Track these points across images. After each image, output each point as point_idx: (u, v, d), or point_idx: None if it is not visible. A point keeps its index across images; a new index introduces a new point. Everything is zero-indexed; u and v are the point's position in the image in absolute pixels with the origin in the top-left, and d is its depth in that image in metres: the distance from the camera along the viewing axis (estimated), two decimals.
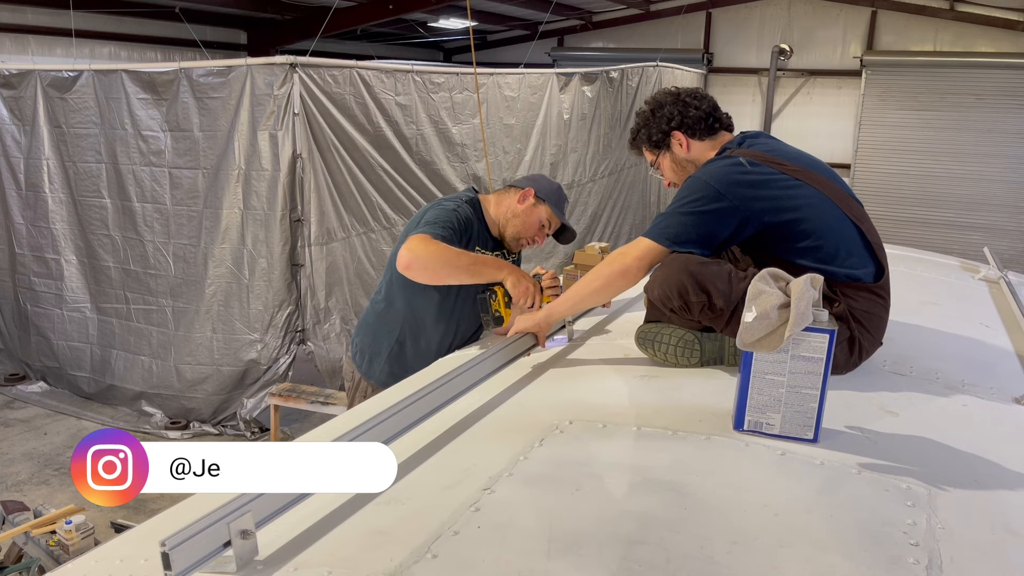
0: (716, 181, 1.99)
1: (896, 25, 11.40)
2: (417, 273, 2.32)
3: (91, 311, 6.17)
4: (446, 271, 2.31)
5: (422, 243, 2.28)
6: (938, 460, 1.59)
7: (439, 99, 6.52)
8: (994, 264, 3.43)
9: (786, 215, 1.96)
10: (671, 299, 2.00)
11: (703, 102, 2.21)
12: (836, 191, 2.04)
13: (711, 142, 2.20)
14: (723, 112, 2.24)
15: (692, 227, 1.99)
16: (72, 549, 3.51)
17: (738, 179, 1.98)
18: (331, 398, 4.99)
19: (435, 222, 2.38)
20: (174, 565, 1.05)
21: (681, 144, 2.22)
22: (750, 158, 2.02)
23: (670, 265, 2.01)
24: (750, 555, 1.22)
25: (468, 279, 2.35)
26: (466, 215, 2.50)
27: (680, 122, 2.20)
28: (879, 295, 2.01)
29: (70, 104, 5.88)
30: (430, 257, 2.27)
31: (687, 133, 2.20)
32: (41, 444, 5.53)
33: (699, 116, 2.19)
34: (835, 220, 1.99)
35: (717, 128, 2.20)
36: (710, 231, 1.99)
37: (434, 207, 2.51)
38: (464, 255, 2.33)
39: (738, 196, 1.96)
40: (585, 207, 9.29)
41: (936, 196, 11.19)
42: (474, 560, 1.20)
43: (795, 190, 1.98)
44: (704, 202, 1.98)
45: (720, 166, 2.03)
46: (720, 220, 1.98)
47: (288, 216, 5.32)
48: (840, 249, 1.97)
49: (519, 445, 1.59)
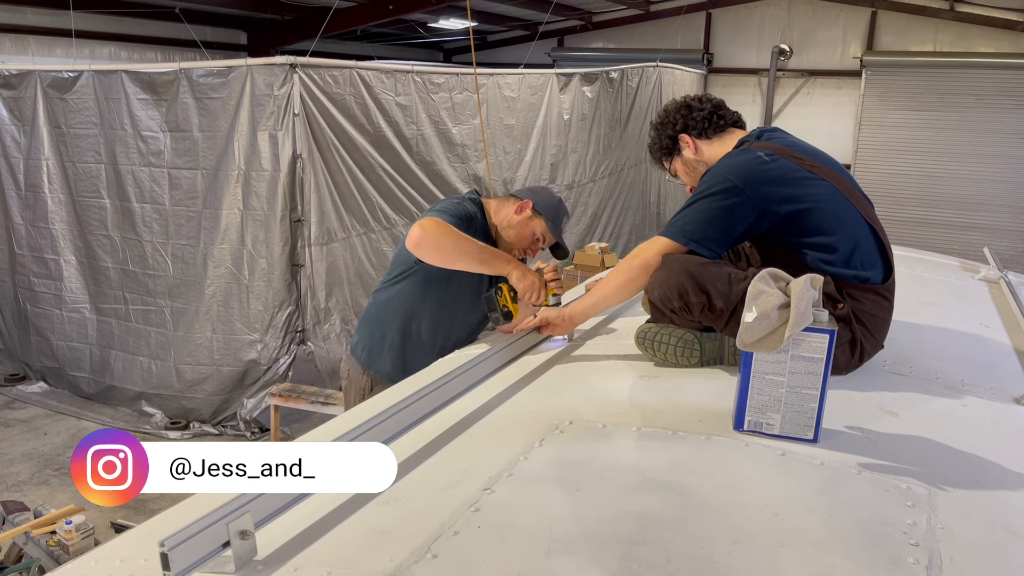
0: (734, 175, 1.96)
1: (896, 25, 11.40)
2: (427, 252, 2.35)
3: (90, 311, 6.17)
4: (455, 254, 2.34)
5: (434, 223, 2.32)
6: (938, 460, 1.59)
7: (439, 99, 6.52)
8: (994, 264, 3.42)
9: (803, 211, 1.94)
10: (671, 300, 2.00)
11: (706, 103, 2.22)
12: (851, 189, 2.03)
13: (720, 140, 2.19)
14: (730, 110, 2.23)
15: (710, 223, 1.98)
16: (72, 549, 3.51)
17: (757, 172, 1.96)
18: (331, 398, 4.99)
19: (444, 211, 2.43)
20: (173, 565, 1.05)
21: (689, 146, 2.22)
22: (769, 151, 2.00)
23: (670, 266, 2.01)
24: (750, 555, 1.22)
25: (475, 266, 2.38)
26: (472, 211, 2.54)
27: (685, 125, 2.21)
28: (884, 297, 2.01)
29: (70, 104, 5.89)
30: (442, 236, 2.31)
31: (693, 134, 2.21)
32: (41, 444, 5.53)
33: (702, 116, 2.19)
34: (849, 218, 1.98)
35: (724, 125, 2.20)
36: (728, 227, 1.97)
37: (441, 202, 2.57)
38: (474, 242, 2.36)
39: (756, 190, 1.94)
40: (585, 207, 9.28)
41: (936, 196, 11.20)
42: (474, 560, 1.19)
43: (813, 186, 1.96)
44: (722, 197, 1.96)
45: (739, 160, 2.01)
46: (738, 215, 1.96)
47: (288, 216, 5.32)
48: (853, 248, 1.96)
49: (519, 445, 1.59)
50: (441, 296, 2.60)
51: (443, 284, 2.57)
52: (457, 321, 2.67)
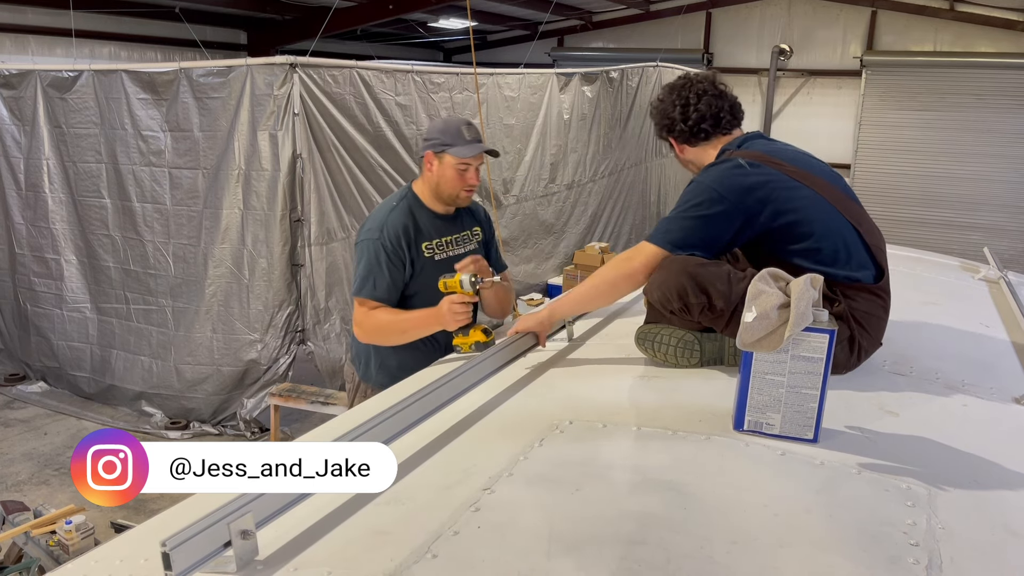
0: (717, 184, 2.00)
1: (896, 25, 11.40)
2: (372, 341, 2.60)
3: (91, 311, 6.17)
4: (392, 340, 2.56)
5: (364, 317, 2.52)
6: (938, 460, 1.59)
7: (439, 99, 6.52)
8: (994, 264, 3.42)
9: (786, 217, 1.97)
10: (671, 301, 2.00)
11: (693, 109, 2.17)
12: (834, 192, 2.04)
13: (704, 146, 2.21)
14: (723, 114, 2.19)
15: (694, 231, 2.01)
16: (72, 549, 3.51)
17: (739, 182, 1.98)
18: (331, 398, 4.99)
19: (367, 276, 2.51)
20: (174, 565, 1.05)
21: (675, 147, 2.27)
22: (750, 159, 2.02)
23: (669, 267, 2.01)
24: (750, 555, 1.22)
25: (414, 338, 2.52)
26: (396, 226, 2.52)
27: (670, 129, 2.23)
28: (879, 295, 2.01)
29: (70, 104, 5.89)
30: (375, 331, 2.55)
31: (679, 141, 2.24)
32: (41, 444, 5.53)
33: (687, 127, 2.18)
34: (833, 222, 2.00)
35: (708, 135, 2.19)
36: (712, 235, 2.00)
37: (362, 243, 2.55)
38: (399, 323, 2.50)
39: (739, 199, 1.97)
40: (585, 207, 9.28)
41: (936, 196, 11.20)
42: (474, 560, 1.20)
43: (795, 191, 1.99)
44: (706, 206, 1.99)
45: (721, 169, 2.04)
46: (722, 223, 1.99)
47: (288, 216, 5.32)
48: (839, 251, 1.98)
49: (519, 445, 1.59)
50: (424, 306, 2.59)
51: (423, 296, 2.56)
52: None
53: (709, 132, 2.19)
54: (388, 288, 2.50)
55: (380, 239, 2.50)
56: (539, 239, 8.57)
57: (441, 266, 2.55)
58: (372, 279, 2.49)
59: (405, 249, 2.51)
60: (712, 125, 2.18)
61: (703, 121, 2.17)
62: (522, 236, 8.27)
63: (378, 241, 2.50)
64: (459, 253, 2.63)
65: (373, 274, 2.49)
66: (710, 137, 2.20)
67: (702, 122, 2.17)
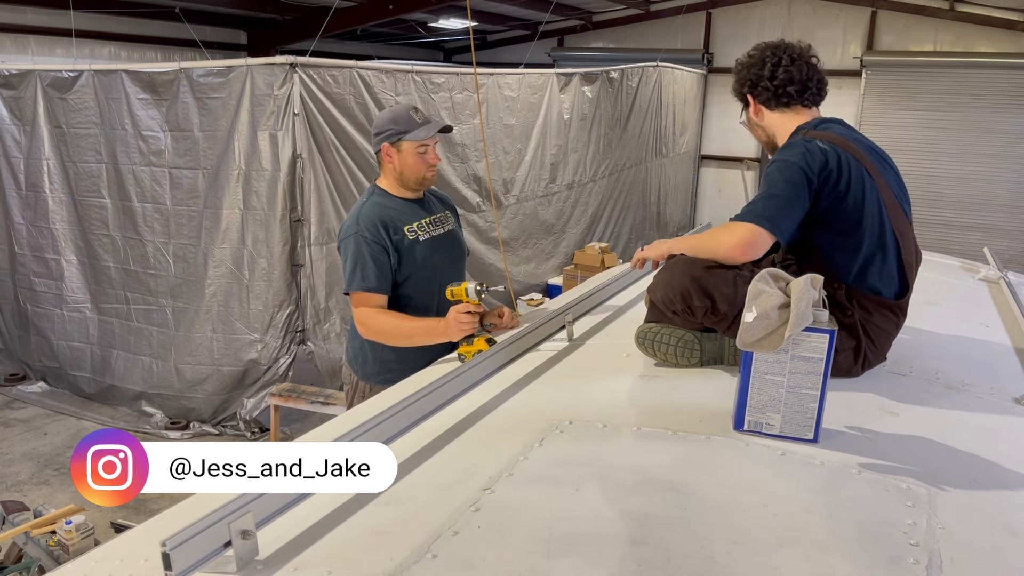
0: (804, 164, 1.92)
1: (896, 25, 11.40)
2: (375, 340, 2.59)
3: (91, 311, 6.17)
4: (396, 344, 2.57)
5: (367, 316, 2.53)
6: (938, 460, 1.59)
7: (439, 99, 6.51)
8: (994, 264, 3.42)
9: (842, 203, 1.93)
10: (674, 302, 2.00)
11: (783, 70, 2.09)
12: (890, 198, 2.01)
13: (783, 113, 2.12)
14: (810, 84, 2.10)
15: (787, 209, 1.92)
16: (72, 549, 3.51)
17: (815, 159, 1.92)
18: (331, 398, 4.99)
19: (354, 269, 2.52)
20: (175, 565, 1.05)
21: (753, 105, 2.18)
22: (830, 142, 1.97)
23: (673, 269, 2.01)
24: (750, 555, 1.22)
25: (419, 344, 2.51)
26: (372, 217, 2.56)
27: (754, 85, 2.14)
28: (895, 312, 2.00)
29: (70, 104, 5.89)
30: (379, 333, 2.56)
31: (759, 100, 2.15)
32: (41, 444, 5.53)
33: (770, 87, 2.10)
34: (880, 227, 1.97)
35: (788, 103, 2.11)
36: (800, 214, 1.93)
37: (344, 242, 2.58)
38: (404, 329, 2.51)
39: (822, 182, 1.91)
40: (585, 207, 9.28)
41: (936, 196, 11.18)
42: (474, 560, 1.20)
43: (861, 182, 1.95)
44: (795, 185, 1.91)
45: (805, 150, 1.96)
46: (807, 203, 1.93)
47: (288, 216, 5.32)
48: (875, 255, 1.96)
49: (519, 445, 1.59)
50: (424, 306, 2.61)
51: (425, 296, 2.61)
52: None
53: (792, 98, 2.10)
54: (377, 276, 2.51)
55: (358, 231, 2.54)
56: (539, 239, 8.58)
57: (427, 247, 2.60)
58: (359, 270, 2.51)
59: (386, 236, 2.54)
60: (798, 91, 2.09)
61: (790, 84, 2.09)
62: (522, 236, 8.27)
63: (357, 234, 2.54)
64: (440, 233, 2.70)
65: (360, 265, 2.51)
66: (791, 104, 2.11)
67: (788, 84, 2.09)
